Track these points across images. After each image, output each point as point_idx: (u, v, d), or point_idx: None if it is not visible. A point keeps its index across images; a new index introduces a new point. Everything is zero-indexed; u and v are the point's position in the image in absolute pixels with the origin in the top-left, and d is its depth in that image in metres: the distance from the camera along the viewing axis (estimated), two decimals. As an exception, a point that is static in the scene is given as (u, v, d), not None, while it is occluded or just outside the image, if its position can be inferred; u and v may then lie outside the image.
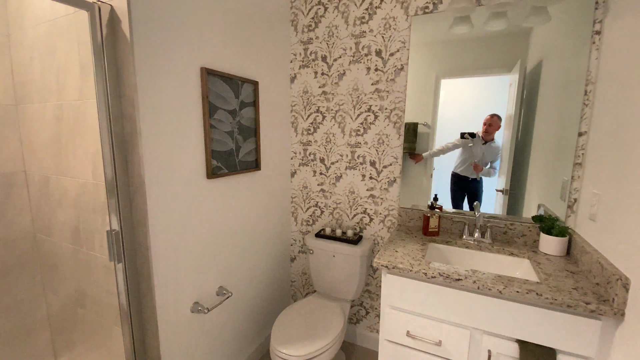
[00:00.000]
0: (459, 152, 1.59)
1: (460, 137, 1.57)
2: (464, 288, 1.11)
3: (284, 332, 1.42)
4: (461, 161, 1.58)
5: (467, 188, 1.60)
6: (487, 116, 1.51)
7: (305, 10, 1.81)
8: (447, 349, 1.16)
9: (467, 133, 1.56)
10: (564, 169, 1.37)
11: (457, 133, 1.58)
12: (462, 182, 1.59)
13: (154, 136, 1.09)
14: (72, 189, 1.30)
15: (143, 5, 1.02)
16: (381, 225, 1.78)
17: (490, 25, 1.44)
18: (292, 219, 2.07)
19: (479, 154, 1.54)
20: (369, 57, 1.67)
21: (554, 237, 1.29)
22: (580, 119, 1.31)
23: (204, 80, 1.26)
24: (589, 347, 0.96)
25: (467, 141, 1.56)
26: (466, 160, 1.57)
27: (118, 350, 1.32)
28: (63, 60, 1.20)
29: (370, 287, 1.86)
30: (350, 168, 1.82)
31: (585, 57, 1.28)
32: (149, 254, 1.11)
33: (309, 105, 1.89)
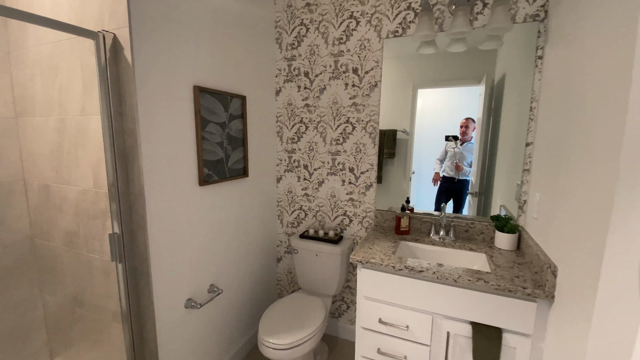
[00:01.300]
0: (443, 155, 1.76)
1: (445, 139, 1.74)
2: (426, 278, 1.28)
3: (270, 323, 1.56)
4: (445, 163, 1.75)
5: (452, 189, 1.76)
6: (462, 119, 1.69)
7: (289, 30, 1.97)
8: (413, 332, 1.33)
9: (451, 136, 1.73)
10: (517, 174, 1.57)
11: (434, 138, 1.76)
12: (448, 183, 1.76)
13: (152, 149, 1.22)
14: (72, 196, 1.41)
15: (143, 33, 1.15)
16: (360, 226, 1.95)
17: (452, 48, 1.63)
18: (278, 221, 2.22)
19: (459, 154, 1.72)
20: (346, 74, 1.85)
21: (506, 234, 1.49)
22: (527, 131, 1.52)
23: (197, 97, 1.40)
24: (528, 326, 1.15)
25: (450, 143, 1.73)
26: (447, 161, 1.74)
27: (117, 344, 1.42)
28: (65, 79, 1.32)
29: (351, 283, 2.02)
30: (332, 174, 1.98)
31: (531, 77, 1.49)
32: (147, 255, 1.23)
33: (293, 116, 2.05)
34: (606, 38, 0.85)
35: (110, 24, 1.14)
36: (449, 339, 1.26)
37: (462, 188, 1.75)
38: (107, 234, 1.34)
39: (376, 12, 1.73)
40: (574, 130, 1.03)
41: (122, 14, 1.10)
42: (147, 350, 1.34)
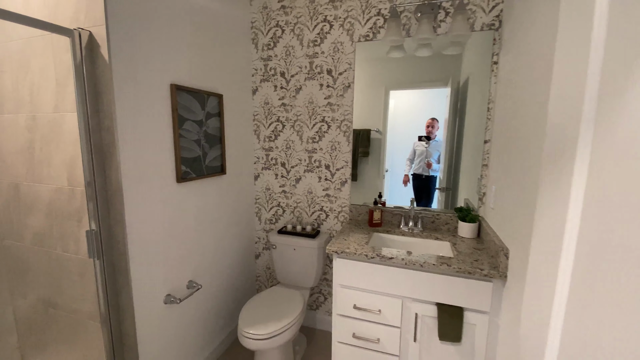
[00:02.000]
0: (412, 155, 1.87)
1: (418, 139, 1.86)
2: (396, 265, 1.39)
3: (250, 315, 1.61)
4: (418, 161, 1.87)
5: (422, 185, 1.88)
6: (428, 119, 1.82)
7: (265, 31, 2.02)
8: (385, 315, 1.43)
9: (423, 136, 1.85)
10: (478, 169, 1.72)
11: (406, 138, 1.88)
12: (418, 180, 1.88)
13: (130, 146, 1.24)
14: (45, 195, 1.39)
15: (120, 32, 1.17)
16: (335, 220, 2.03)
17: (418, 52, 1.76)
18: (256, 218, 2.26)
19: (425, 152, 1.84)
20: (321, 75, 1.93)
21: (468, 223, 1.63)
22: (485, 129, 1.66)
23: (174, 95, 1.43)
24: (485, 303, 1.28)
25: (420, 143, 1.85)
26: (421, 160, 1.86)
27: (94, 343, 1.42)
28: (37, 75, 1.30)
29: (328, 276, 2.11)
30: (308, 171, 2.06)
31: (488, 81, 1.64)
32: (126, 250, 1.25)
33: (269, 115, 2.10)
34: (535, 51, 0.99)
35: (86, 22, 1.15)
36: (417, 319, 1.37)
37: (430, 184, 1.88)
38: (82, 232, 1.33)
39: (348, 17, 1.82)
40: (515, 129, 1.17)
41: (99, 13, 1.12)
42: (126, 347, 1.35)
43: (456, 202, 1.82)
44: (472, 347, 1.32)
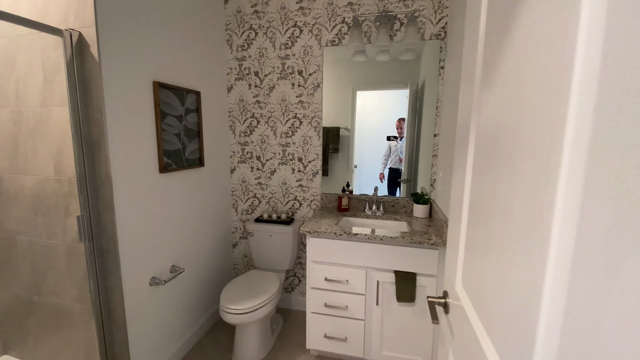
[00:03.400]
0: (388, 152, 2.10)
1: (387, 139, 2.08)
2: (360, 240, 1.61)
3: (230, 294, 1.76)
4: (391, 158, 2.09)
5: (397, 177, 2.11)
6: (396, 121, 2.06)
7: (239, 33, 2.17)
8: (352, 285, 1.64)
9: (392, 136, 2.08)
10: (430, 160, 1.99)
11: (373, 135, 2.10)
12: (394, 174, 2.10)
13: (117, 137, 1.35)
14: (29, 185, 1.45)
15: (107, 32, 1.28)
16: (308, 208, 2.23)
17: (378, 57, 2.00)
18: (232, 209, 2.40)
19: (399, 149, 2.07)
20: (293, 75, 2.11)
21: (421, 205, 1.89)
22: (434, 125, 1.94)
23: (156, 92, 1.55)
24: (432, 268, 1.54)
25: (393, 142, 2.08)
26: (392, 156, 2.09)
27: (81, 325, 1.50)
28: (23, 72, 1.37)
29: (302, 260, 2.30)
30: (282, 164, 2.23)
31: (436, 83, 1.91)
32: (115, 234, 1.36)
33: (244, 111, 2.25)
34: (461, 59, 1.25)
35: (76, 23, 1.25)
36: (378, 286, 1.60)
37: (399, 177, 2.13)
38: (69, 220, 1.42)
39: (317, 23, 2.03)
40: (452, 123, 1.43)
41: (89, 15, 1.23)
42: (115, 325, 1.45)
43: (415, 190, 2.08)
44: (424, 307, 1.57)
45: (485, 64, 0.67)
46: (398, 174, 2.12)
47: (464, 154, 0.78)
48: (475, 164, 0.70)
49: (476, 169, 0.69)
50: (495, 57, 0.60)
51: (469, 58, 0.78)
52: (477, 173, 0.69)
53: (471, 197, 0.72)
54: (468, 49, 0.79)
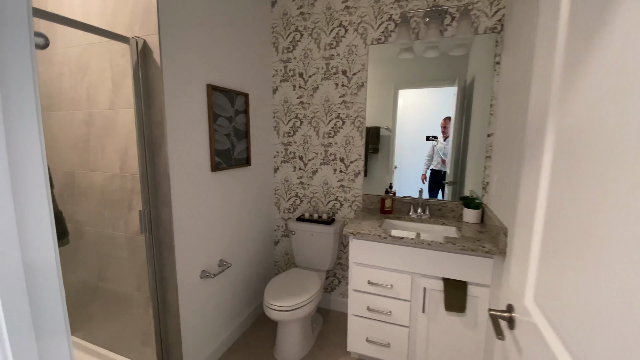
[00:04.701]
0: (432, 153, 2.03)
1: (426, 139, 2.01)
2: (407, 244, 1.55)
3: (274, 291, 1.79)
4: (434, 159, 2.02)
5: (441, 180, 2.03)
6: (442, 120, 1.98)
7: (285, 35, 2.20)
8: (396, 290, 1.59)
9: (431, 136, 2.01)
10: (482, 161, 1.87)
11: (414, 135, 2.03)
12: (437, 176, 2.03)
13: (174, 137, 1.43)
14: (98, 181, 1.59)
15: (167, 39, 1.36)
16: (349, 209, 2.21)
17: (427, 54, 1.92)
18: (275, 208, 2.44)
19: (442, 149, 2.00)
20: (337, 75, 2.10)
21: (472, 210, 1.79)
22: (488, 124, 1.82)
23: (209, 94, 1.62)
24: (486, 278, 1.44)
25: (433, 142, 2.01)
26: (435, 157, 2.02)
27: (139, 310, 1.62)
28: (95, 77, 1.51)
29: (342, 260, 2.28)
30: (324, 164, 2.23)
31: (491, 79, 1.79)
32: (171, 228, 1.44)
33: (288, 112, 2.28)
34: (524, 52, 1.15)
35: (140, 31, 1.34)
36: (425, 293, 1.54)
37: (442, 179, 2.03)
38: (132, 214, 1.53)
39: (362, 22, 2.00)
40: (511, 122, 1.33)
41: (152, 24, 1.31)
42: (169, 314, 1.54)
43: (462, 193, 1.97)
44: (475, 317, 1.48)
45: (570, 57, 0.60)
46: (440, 176, 2.02)
47: (537, 156, 0.71)
48: (557, 167, 0.63)
49: (558, 172, 0.63)
50: (587, 48, 0.54)
51: (544, 51, 0.71)
52: (559, 177, 0.62)
53: (550, 203, 0.65)
54: (542, 42, 0.72)
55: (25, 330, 0.50)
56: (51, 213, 0.53)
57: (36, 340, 0.52)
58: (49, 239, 0.54)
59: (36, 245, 0.52)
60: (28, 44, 0.49)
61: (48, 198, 0.53)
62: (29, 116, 0.50)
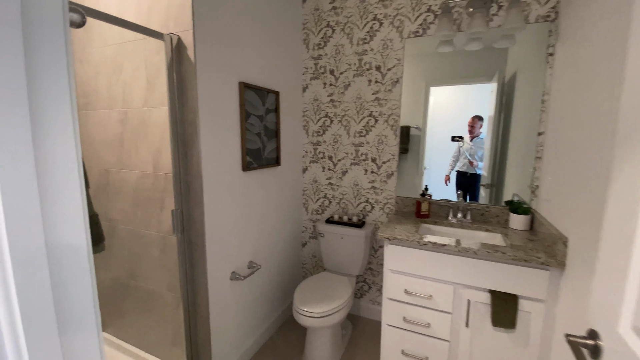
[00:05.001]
0: (457, 153, 1.91)
1: (451, 140, 1.90)
2: (448, 252, 1.44)
3: (304, 295, 1.72)
4: (460, 160, 1.90)
5: (467, 182, 1.91)
6: (469, 119, 1.85)
7: (316, 31, 2.14)
8: (436, 301, 1.48)
9: (457, 136, 1.90)
10: (529, 162, 1.71)
11: (446, 134, 1.92)
12: (462, 178, 1.91)
13: (207, 136, 1.40)
14: (131, 180, 1.59)
15: (201, 35, 1.33)
16: (381, 212, 2.10)
17: (468, 46, 1.78)
18: (303, 209, 2.38)
19: (468, 150, 1.87)
20: (370, 72, 2.01)
21: (520, 215, 1.63)
22: (539, 121, 1.66)
23: (242, 92, 1.57)
24: (541, 292, 1.30)
25: (458, 142, 1.89)
26: (460, 158, 1.90)
27: (170, 310, 1.60)
28: (130, 76, 1.50)
29: (372, 265, 2.18)
30: (355, 164, 2.14)
31: (542, 72, 1.63)
32: (203, 229, 1.41)
33: (318, 111, 2.21)
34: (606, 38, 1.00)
35: (175, 28, 1.31)
36: (469, 306, 1.41)
37: (474, 181, 1.90)
38: (164, 213, 1.52)
39: (398, 15, 1.89)
40: (578, 118, 1.18)
41: (187, 20, 1.28)
42: (199, 316, 1.51)
43: (502, 198, 1.81)
44: (527, 335, 1.34)
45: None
46: (467, 178, 1.89)
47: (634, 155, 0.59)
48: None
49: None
50: None
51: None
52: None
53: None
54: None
55: (46, 324, 0.45)
56: (83, 191, 0.48)
57: (59, 335, 0.47)
58: (79, 217, 0.49)
59: (62, 225, 0.46)
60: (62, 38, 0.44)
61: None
62: (63, 111, 0.45)
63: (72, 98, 0.46)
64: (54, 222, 0.45)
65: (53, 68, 0.43)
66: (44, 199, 0.43)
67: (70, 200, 0.47)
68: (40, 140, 0.42)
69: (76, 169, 0.48)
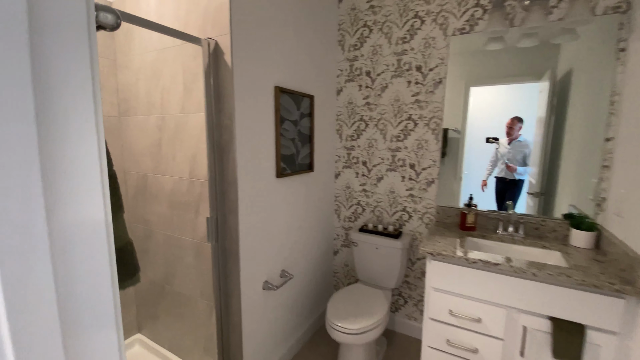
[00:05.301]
0: (495, 157, 1.76)
1: (486, 141, 1.76)
2: (502, 272, 1.29)
3: (338, 309, 1.64)
4: (500, 164, 1.75)
5: (507, 189, 1.75)
6: (508, 120, 1.69)
7: (352, 32, 2.05)
8: (486, 325, 1.34)
9: (491, 138, 1.74)
10: (593, 171, 1.52)
11: (483, 137, 1.77)
12: (501, 184, 1.76)
13: (242, 142, 1.36)
14: (168, 185, 1.60)
15: (238, 39, 1.29)
16: (420, 222, 1.97)
17: (521, 43, 1.62)
18: (335, 215, 2.30)
19: (506, 154, 1.72)
20: (409, 72, 1.89)
21: (583, 232, 1.45)
22: (606, 125, 1.46)
23: (277, 97, 1.53)
24: (614, 323, 1.12)
25: (494, 145, 1.74)
26: (497, 162, 1.75)
27: (202, 318, 1.59)
28: (168, 82, 1.50)
29: (409, 278, 2.06)
30: (391, 170, 2.03)
31: (610, 71, 1.44)
32: (237, 237, 1.37)
33: (353, 114, 2.13)
34: None
35: (212, 32, 1.29)
36: (525, 333, 1.26)
37: (515, 188, 1.73)
38: (199, 219, 1.50)
39: (442, 11, 1.76)
40: None
41: (224, 23, 1.25)
42: (232, 325, 1.48)
43: (553, 208, 1.63)
44: (596, 371, 1.17)
45: None
46: (506, 184, 1.73)
47: None
48: None
49: None
50: None
51: None
52: None
53: None
54: None
55: (47, 323, 0.34)
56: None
57: (62, 337, 0.36)
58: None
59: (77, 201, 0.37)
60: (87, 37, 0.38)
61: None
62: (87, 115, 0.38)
63: (98, 114, 0.39)
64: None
65: (73, 77, 0.37)
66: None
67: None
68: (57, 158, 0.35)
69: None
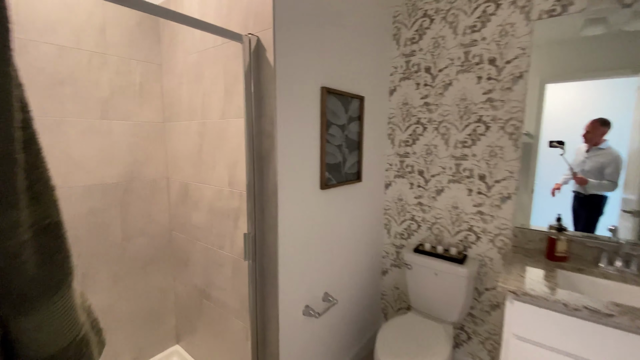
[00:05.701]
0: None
1: (549, 145, 1.42)
2: (617, 326, 0.96)
3: (389, 345, 1.41)
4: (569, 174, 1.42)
5: (581, 206, 1.40)
6: (588, 123, 1.35)
7: (409, 24, 1.81)
8: (593, 394, 1.01)
9: (556, 141, 1.40)
10: None
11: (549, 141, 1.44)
12: (575, 200, 1.41)
13: (284, 150, 1.20)
14: (208, 195, 1.50)
15: (283, 37, 1.14)
16: (490, 245, 1.65)
17: (631, 25, 1.25)
18: (385, 231, 2.06)
19: (579, 164, 1.36)
20: (480, 66, 1.59)
21: None
22: None
23: (324, 99, 1.35)
24: None
25: (558, 150, 1.40)
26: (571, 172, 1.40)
27: (237, 340, 1.46)
28: (209, 85, 1.41)
29: (474, 311, 1.73)
30: (454, 181, 1.74)
31: None
32: (276, 256, 1.21)
33: (408, 116, 1.88)
34: None
35: (255, 27, 1.15)
36: (657, 415, 0.91)
37: (591, 205, 1.35)
38: (238, 233, 1.38)
39: (525, -10, 1.45)
40: None
41: (267, 16, 1.11)
42: (268, 351, 1.32)
43: None
44: None
45: None
46: (583, 200, 1.37)
47: None
48: None
49: None
50: None
51: None
52: None
53: None
54: None
55: None
56: None
57: None
58: None
59: None
60: None
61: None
62: None
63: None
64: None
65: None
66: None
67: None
68: None
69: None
